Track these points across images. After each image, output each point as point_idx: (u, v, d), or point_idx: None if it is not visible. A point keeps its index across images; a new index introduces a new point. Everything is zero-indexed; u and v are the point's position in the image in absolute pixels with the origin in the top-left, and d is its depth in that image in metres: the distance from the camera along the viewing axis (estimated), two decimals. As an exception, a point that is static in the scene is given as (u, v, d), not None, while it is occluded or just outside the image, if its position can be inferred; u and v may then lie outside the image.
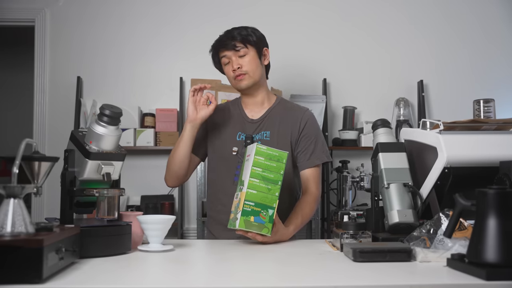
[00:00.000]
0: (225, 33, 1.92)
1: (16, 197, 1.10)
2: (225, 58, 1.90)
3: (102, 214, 1.43)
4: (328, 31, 3.64)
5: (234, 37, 1.87)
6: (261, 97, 1.96)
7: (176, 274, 1.23)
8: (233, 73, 1.88)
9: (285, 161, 1.57)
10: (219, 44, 1.91)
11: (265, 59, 1.96)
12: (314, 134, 1.93)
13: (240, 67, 1.87)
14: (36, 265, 1.01)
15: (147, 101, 3.56)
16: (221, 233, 1.88)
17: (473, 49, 3.68)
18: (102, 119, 1.41)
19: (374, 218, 1.61)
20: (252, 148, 1.56)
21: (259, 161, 1.54)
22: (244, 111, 1.97)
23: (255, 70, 1.89)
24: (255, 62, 1.89)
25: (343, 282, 1.11)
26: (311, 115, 1.97)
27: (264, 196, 1.53)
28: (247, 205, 1.51)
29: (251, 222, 1.52)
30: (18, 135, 3.55)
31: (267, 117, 1.94)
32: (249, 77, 1.88)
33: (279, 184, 1.55)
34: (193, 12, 3.61)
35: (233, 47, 1.87)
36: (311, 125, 1.93)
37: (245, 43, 1.87)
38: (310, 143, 1.90)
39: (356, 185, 2.95)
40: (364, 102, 3.59)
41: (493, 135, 1.58)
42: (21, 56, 5.51)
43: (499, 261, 1.09)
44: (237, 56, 1.88)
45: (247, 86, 1.89)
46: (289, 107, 1.98)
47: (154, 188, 3.46)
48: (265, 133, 1.91)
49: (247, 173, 1.54)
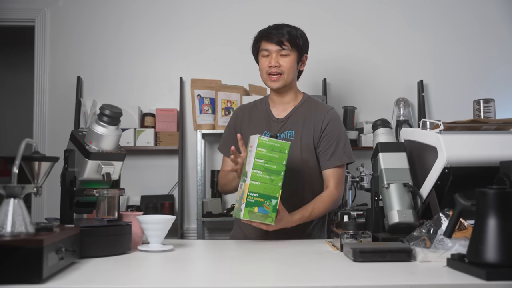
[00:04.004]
0: (275, 26, 1.91)
1: (16, 197, 1.10)
2: (266, 51, 1.89)
3: (102, 214, 1.43)
4: (328, 31, 3.64)
5: (282, 34, 1.86)
6: (289, 97, 1.96)
7: (176, 274, 1.23)
8: (269, 69, 1.87)
9: (287, 151, 1.58)
10: (266, 36, 1.89)
11: (302, 65, 1.97)
12: (336, 134, 1.89)
13: (279, 65, 1.87)
14: (36, 265, 1.01)
15: (147, 101, 3.56)
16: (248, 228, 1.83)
17: (473, 49, 3.68)
18: (102, 119, 1.41)
19: (374, 218, 1.61)
20: (255, 139, 1.57)
21: (261, 153, 1.55)
22: (270, 109, 1.97)
23: (291, 72, 1.89)
24: (293, 65, 1.89)
25: (343, 282, 1.11)
26: (335, 114, 1.95)
27: (267, 187, 1.54)
28: (251, 196, 1.53)
29: (255, 212, 1.53)
30: (18, 135, 3.56)
31: (292, 116, 1.93)
32: (283, 79, 1.88)
33: (281, 175, 1.57)
34: (193, 12, 3.61)
35: (279, 44, 1.86)
36: (334, 125, 1.90)
37: (291, 44, 1.87)
38: (331, 144, 1.87)
39: (356, 185, 2.95)
40: (364, 102, 3.59)
41: (493, 135, 1.58)
42: (21, 56, 5.51)
43: (499, 261, 1.09)
44: (279, 54, 1.87)
45: (278, 87, 1.90)
46: (313, 107, 1.96)
47: (154, 188, 3.46)
48: (289, 132, 1.90)
49: (250, 164, 1.55)
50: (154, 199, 3.38)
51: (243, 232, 1.90)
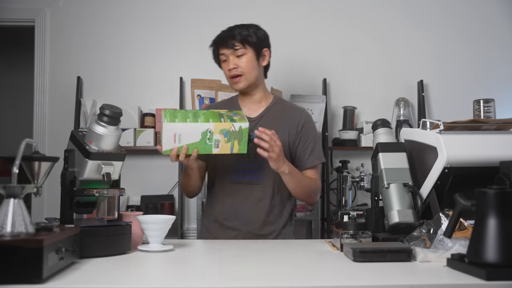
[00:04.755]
0: (227, 30, 1.92)
1: (16, 197, 1.10)
2: (223, 56, 1.89)
3: (102, 214, 1.43)
4: (328, 31, 3.64)
5: (234, 36, 1.87)
6: (259, 96, 1.96)
7: (176, 274, 1.23)
8: (229, 72, 1.88)
9: (172, 110, 1.67)
10: (219, 41, 1.90)
11: (264, 60, 1.94)
12: (312, 135, 1.94)
13: (236, 67, 1.87)
14: (36, 265, 1.01)
15: (147, 101, 3.55)
16: (216, 230, 1.90)
17: (473, 49, 3.68)
18: (102, 119, 1.41)
19: (374, 218, 1.61)
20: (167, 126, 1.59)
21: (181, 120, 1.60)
22: (241, 109, 1.96)
23: (251, 71, 1.88)
24: (252, 64, 1.88)
25: (343, 282, 1.12)
26: (309, 116, 1.99)
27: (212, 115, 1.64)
28: (225, 121, 1.63)
29: (238, 119, 1.66)
30: (18, 135, 3.55)
31: (265, 115, 1.94)
32: (245, 79, 1.88)
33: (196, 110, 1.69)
34: (193, 12, 3.61)
35: (231, 46, 1.86)
36: (309, 126, 1.95)
37: (244, 44, 1.87)
38: (308, 144, 1.90)
39: (356, 185, 2.95)
40: (364, 102, 3.59)
41: (493, 135, 1.58)
42: (21, 56, 5.50)
43: (499, 261, 1.09)
44: (235, 56, 1.87)
45: (242, 88, 1.90)
46: (287, 107, 1.99)
47: (154, 188, 3.46)
48: None
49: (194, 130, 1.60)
50: (154, 199, 3.38)
51: (212, 235, 1.92)
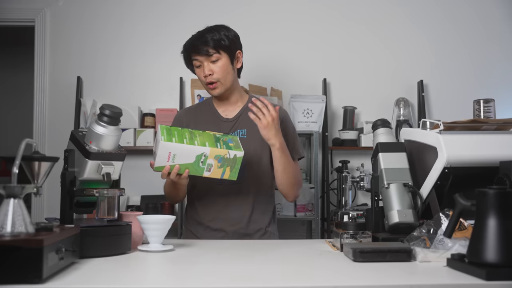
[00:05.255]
0: (197, 35, 1.89)
1: (16, 197, 1.10)
2: (197, 62, 1.87)
3: (102, 214, 1.43)
4: (328, 31, 3.64)
5: (206, 42, 1.84)
6: (235, 98, 1.96)
7: (176, 274, 1.23)
8: (205, 79, 1.87)
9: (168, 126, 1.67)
10: (191, 48, 1.88)
11: (238, 62, 1.93)
12: (291, 131, 1.95)
13: (212, 73, 1.85)
14: (36, 265, 1.01)
15: (147, 101, 3.56)
16: (202, 233, 1.91)
17: (473, 49, 3.68)
18: (102, 119, 1.41)
19: (374, 218, 1.61)
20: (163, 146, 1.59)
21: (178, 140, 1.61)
22: (217, 111, 1.96)
23: (227, 76, 1.87)
24: (227, 68, 1.87)
25: (343, 282, 1.11)
26: (285, 112, 2.01)
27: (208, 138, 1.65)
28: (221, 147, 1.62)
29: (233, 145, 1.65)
30: (18, 135, 3.56)
31: (242, 115, 1.93)
32: (221, 85, 1.87)
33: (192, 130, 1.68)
34: (193, 12, 3.61)
35: (205, 53, 1.84)
36: (287, 122, 1.96)
37: (217, 49, 1.84)
38: (288, 139, 1.88)
39: (356, 185, 2.95)
40: (364, 102, 3.59)
41: (493, 135, 1.58)
42: (21, 56, 5.51)
43: (499, 261, 1.09)
44: (209, 62, 1.85)
45: (219, 94, 1.89)
46: None
47: (154, 188, 3.45)
48: (241, 131, 1.91)
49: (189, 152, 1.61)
50: (154, 199, 3.38)
51: (196, 236, 1.92)
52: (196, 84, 3.31)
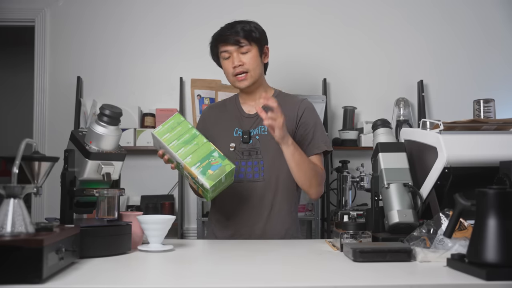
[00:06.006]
0: (227, 26, 1.86)
1: (16, 197, 1.10)
2: (226, 53, 1.84)
3: (102, 214, 1.43)
4: (328, 31, 3.64)
5: (237, 32, 1.81)
6: (259, 94, 1.90)
7: (176, 274, 1.23)
8: (233, 70, 1.83)
9: (183, 118, 1.63)
10: (221, 38, 1.85)
11: (265, 57, 1.91)
12: (313, 122, 1.87)
13: (242, 64, 1.82)
14: (36, 265, 1.01)
15: (147, 101, 3.56)
16: (220, 233, 1.88)
17: (473, 49, 3.68)
18: (102, 119, 1.41)
19: (374, 218, 1.61)
20: (154, 137, 1.61)
21: (168, 138, 1.59)
22: (241, 106, 1.94)
23: (256, 68, 1.85)
24: (257, 60, 1.84)
25: (343, 282, 1.11)
26: (309, 104, 1.92)
27: (198, 152, 1.58)
28: (197, 168, 1.55)
29: (212, 174, 1.55)
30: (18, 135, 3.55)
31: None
32: (250, 77, 1.84)
33: (198, 134, 1.61)
34: (194, 12, 3.61)
35: (236, 43, 1.81)
36: (309, 113, 1.88)
37: (248, 40, 1.82)
38: (308, 132, 1.85)
39: (356, 185, 2.95)
40: (364, 102, 3.59)
41: (493, 135, 1.58)
42: (21, 56, 5.50)
43: (499, 261, 1.09)
44: (239, 53, 1.82)
45: (247, 85, 1.85)
46: (287, 100, 1.92)
47: (154, 188, 3.46)
48: (262, 127, 1.86)
49: (172, 154, 1.58)
50: (154, 199, 3.38)
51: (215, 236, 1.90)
52: (196, 84, 3.31)
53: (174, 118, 1.62)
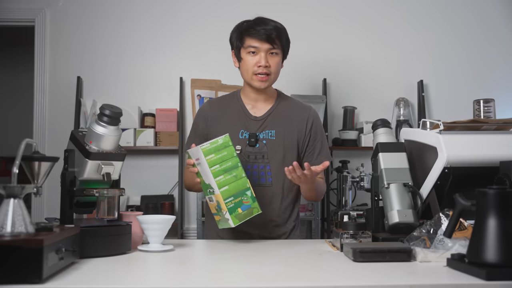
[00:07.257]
0: (259, 20, 1.80)
1: (16, 197, 1.10)
2: (253, 48, 1.77)
3: (102, 214, 1.43)
4: (328, 32, 3.64)
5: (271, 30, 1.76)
6: (267, 95, 1.88)
7: (176, 274, 1.23)
8: (257, 68, 1.77)
9: (231, 143, 1.57)
10: (254, 32, 1.77)
11: (282, 64, 1.88)
12: (320, 133, 1.90)
13: (269, 66, 1.77)
14: (36, 265, 1.01)
15: (147, 101, 3.56)
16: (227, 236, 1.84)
17: (473, 49, 3.68)
18: (102, 119, 1.41)
19: (374, 218, 1.61)
20: (197, 151, 1.53)
21: (212, 160, 1.52)
22: (245, 107, 1.88)
23: (277, 73, 1.82)
24: (279, 66, 1.83)
25: (343, 282, 1.12)
26: (316, 114, 1.93)
27: (235, 185, 1.54)
28: (228, 202, 1.52)
29: (241, 213, 1.53)
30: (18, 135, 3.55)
31: (271, 115, 1.86)
32: (270, 80, 1.81)
33: (239, 165, 1.56)
34: (193, 12, 3.61)
35: (270, 41, 1.75)
36: (317, 124, 1.90)
37: (281, 42, 1.78)
38: (317, 143, 1.87)
39: (356, 185, 2.94)
40: (364, 102, 3.59)
41: (493, 135, 1.58)
42: (21, 56, 5.50)
43: (499, 261, 1.09)
44: (269, 53, 1.77)
45: (265, 87, 1.82)
46: (293, 105, 1.91)
47: (154, 188, 3.46)
48: (270, 132, 1.83)
49: (208, 176, 1.52)
50: (154, 199, 3.38)
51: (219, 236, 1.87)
52: (196, 84, 3.31)
53: (223, 139, 1.56)
